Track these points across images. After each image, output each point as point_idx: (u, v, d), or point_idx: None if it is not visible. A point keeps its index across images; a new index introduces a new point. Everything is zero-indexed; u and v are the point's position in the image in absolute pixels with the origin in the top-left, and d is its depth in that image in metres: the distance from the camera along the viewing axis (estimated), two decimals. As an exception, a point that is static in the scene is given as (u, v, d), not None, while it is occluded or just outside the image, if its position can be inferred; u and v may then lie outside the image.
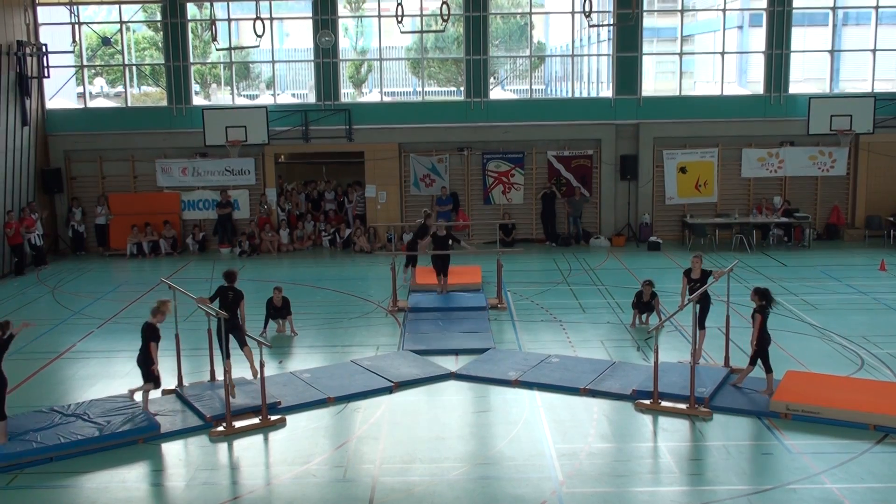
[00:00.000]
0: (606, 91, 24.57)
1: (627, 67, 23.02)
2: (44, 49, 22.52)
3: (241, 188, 23.25)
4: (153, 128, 23.06)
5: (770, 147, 23.05)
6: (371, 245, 22.38)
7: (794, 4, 22.86)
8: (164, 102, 23.58)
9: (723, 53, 23.50)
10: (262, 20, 19.65)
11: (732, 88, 25.64)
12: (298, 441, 10.15)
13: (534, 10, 24.24)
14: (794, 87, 23.52)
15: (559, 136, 23.16)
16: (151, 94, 27.59)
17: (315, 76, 23.35)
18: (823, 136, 22.27)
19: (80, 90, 24.07)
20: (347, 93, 27.02)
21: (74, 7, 22.61)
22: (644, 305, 14.71)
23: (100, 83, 30.43)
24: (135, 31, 29.36)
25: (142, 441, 10.11)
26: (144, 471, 9.49)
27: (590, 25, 21.28)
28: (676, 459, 9.49)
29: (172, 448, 10.04)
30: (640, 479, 9.03)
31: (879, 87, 23.20)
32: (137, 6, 23.83)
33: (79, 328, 15.34)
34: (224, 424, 10.40)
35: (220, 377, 11.10)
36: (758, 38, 24.17)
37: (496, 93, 24.59)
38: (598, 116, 23.18)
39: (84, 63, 23.69)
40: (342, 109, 23.06)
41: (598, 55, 28.53)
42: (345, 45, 27.28)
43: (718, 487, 8.77)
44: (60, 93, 23.66)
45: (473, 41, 22.91)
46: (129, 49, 27.48)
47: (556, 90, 30.53)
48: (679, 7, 23.46)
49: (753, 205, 22.99)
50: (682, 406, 10.75)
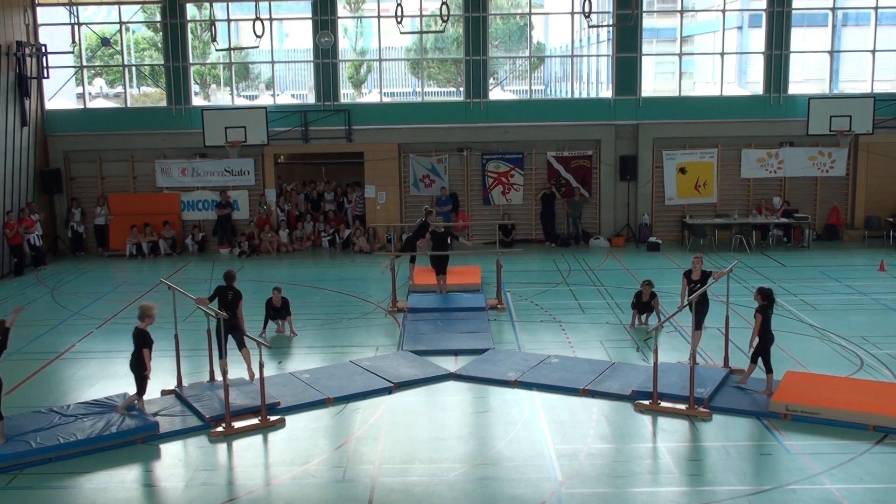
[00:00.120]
0: (606, 91, 24.58)
1: (627, 68, 23.02)
2: (43, 49, 22.51)
3: (241, 189, 23.24)
4: (153, 128, 23.06)
5: (769, 148, 23.06)
6: (371, 245, 22.38)
7: (794, 5, 22.86)
8: (164, 103, 23.58)
9: (722, 54, 23.50)
10: (262, 21, 19.66)
11: (732, 89, 25.66)
12: (298, 441, 10.15)
13: (533, 11, 24.23)
14: (794, 88, 23.53)
15: (559, 137, 23.16)
16: (151, 95, 27.60)
17: (314, 77, 23.35)
18: (823, 137, 22.27)
19: (80, 91, 24.07)
20: (347, 93, 27.03)
21: (74, 7, 22.62)
22: (643, 306, 14.71)
23: (99, 84, 30.47)
24: (134, 32, 29.38)
25: (140, 441, 10.12)
26: (143, 471, 9.49)
27: (589, 26, 21.28)
28: (676, 460, 9.49)
29: (171, 448, 10.04)
30: (640, 480, 9.03)
31: (879, 88, 23.21)
32: (137, 7, 23.82)
33: (78, 329, 15.34)
34: (223, 425, 10.40)
35: (220, 378, 11.09)
36: (757, 39, 24.19)
37: (496, 93, 24.61)
38: (598, 117, 23.18)
39: (83, 63, 23.69)
40: (342, 110, 23.07)
41: (598, 56, 28.57)
42: (344, 46, 27.28)
43: (718, 488, 8.77)
44: (60, 93, 23.66)
45: (473, 42, 22.91)
46: (129, 50, 27.48)
47: (556, 91, 30.56)
48: (679, 7, 23.47)
49: (753, 205, 23.00)
50: (682, 406, 10.75)
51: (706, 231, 22.38)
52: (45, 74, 22.67)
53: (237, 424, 10.47)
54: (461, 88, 24.12)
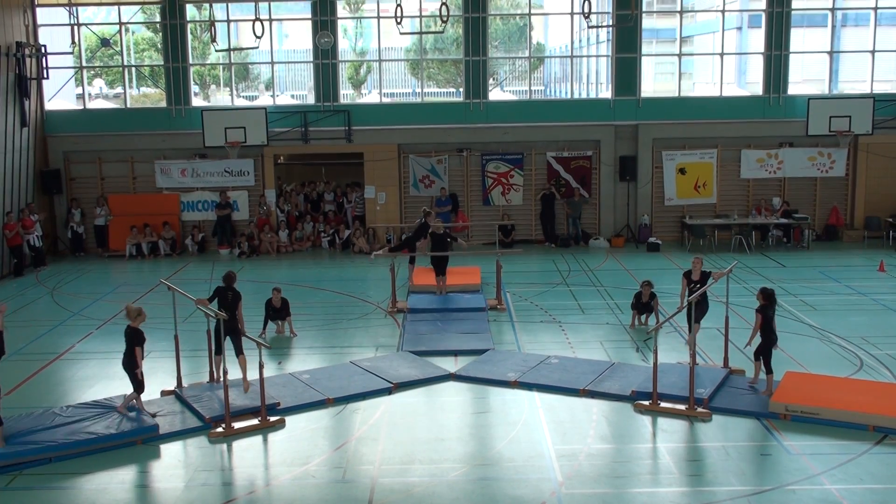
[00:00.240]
0: (605, 92, 24.59)
1: (626, 68, 23.03)
2: (43, 50, 22.50)
3: (241, 189, 23.24)
4: (152, 129, 23.05)
5: (769, 148, 23.06)
6: (370, 246, 22.37)
7: (793, 6, 22.86)
8: (164, 103, 23.58)
9: (722, 54, 23.50)
10: (262, 21, 19.64)
11: (731, 89, 25.68)
12: (297, 442, 10.15)
13: (533, 12, 24.23)
14: (793, 88, 23.54)
15: (558, 137, 23.17)
16: (151, 96, 27.62)
17: (314, 77, 23.36)
18: (822, 137, 22.28)
19: (80, 91, 24.05)
20: (347, 94, 27.03)
21: (74, 8, 22.61)
22: (643, 306, 14.71)
23: (99, 84, 30.48)
24: (134, 33, 29.39)
25: (140, 442, 10.11)
26: (143, 472, 9.49)
27: (589, 26, 21.29)
28: (676, 460, 9.50)
29: (171, 449, 10.04)
30: (640, 480, 9.04)
31: (878, 88, 23.21)
32: (137, 7, 23.83)
33: (78, 329, 15.33)
34: (223, 425, 10.40)
35: (219, 375, 11.10)
36: (757, 40, 24.19)
37: (495, 94, 24.63)
38: (598, 117, 23.18)
39: (83, 64, 23.69)
40: (341, 110, 23.07)
41: (598, 56, 28.60)
42: (344, 47, 27.27)
43: (718, 488, 8.77)
44: (59, 94, 23.65)
45: (472, 42, 22.92)
46: (129, 50, 27.48)
47: (556, 91, 30.58)
48: (678, 8, 23.48)
49: (752, 206, 23.00)
50: (682, 407, 10.75)
51: (706, 231, 22.38)
52: (45, 75, 22.66)
53: (237, 425, 10.47)
54: (461, 89, 24.12)
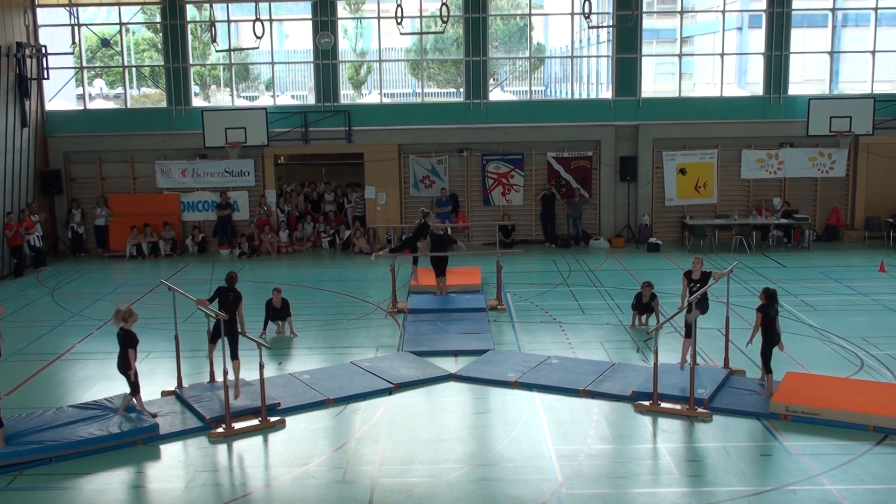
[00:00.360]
0: (606, 92, 24.59)
1: (627, 69, 23.03)
2: (43, 50, 22.51)
3: (241, 190, 23.25)
4: (153, 129, 23.05)
5: (769, 148, 23.06)
6: (371, 246, 22.37)
7: (794, 6, 22.86)
8: (164, 104, 23.58)
9: (722, 55, 23.50)
10: (262, 22, 19.66)
11: (732, 90, 25.67)
12: (298, 442, 10.15)
13: (533, 12, 24.23)
14: (794, 89, 23.53)
15: (559, 138, 23.16)
16: (151, 96, 27.62)
17: (314, 77, 23.36)
18: (823, 138, 22.28)
19: (80, 92, 24.06)
20: (347, 94, 27.03)
21: (74, 9, 22.61)
22: (644, 307, 14.71)
23: (99, 85, 30.48)
24: (134, 33, 29.39)
25: (141, 442, 10.11)
26: (143, 472, 9.48)
27: (589, 27, 21.30)
28: (676, 461, 9.49)
29: (171, 449, 10.04)
30: (640, 481, 9.03)
31: (879, 89, 23.20)
32: (137, 8, 23.82)
33: (78, 330, 15.34)
34: (223, 426, 10.40)
35: (220, 379, 11.09)
36: (757, 40, 24.18)
37: (496, 94, 24.62)
38: (598, 118, 23.18)
39: (83, 65, 23.69)
40: (342, 111, 23.07)
41: (598, 56, 28.60)
42: (344, 47, 27.28)
43: (718, 489, 8.77)
44: (60, 94, 23.65)
45: (473, 42, 22.92)
46: (129, 51, 27.49)
47: (556, 91, 30.56)
48: (678, 8, 23.47)
49: (753, 206, 22.99)
50: (682, 407, 10.75)
51: (706, 232, 22.38)
52: (46, 75, 22.67)
53: (237, 425, 10.47)
54: (461, 89, 24.12)
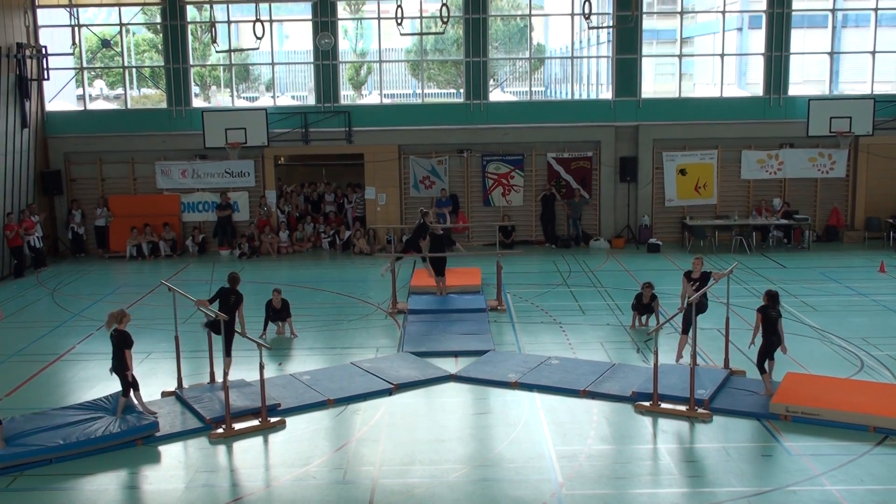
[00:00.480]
0: (606, 93, 24.59)
1: (627, 69, 23.02)
2: (43, 51, 22.51)
3: (241, 190, 23.24)
4: (153, 130, 23.05)
5: (769, 149, 23.05)
6: (371, 247, 22.38)
7: (794, 6, 22.86)
8: (164, 104, 23.58)
9: (722, 55, 23.50)
10: (262, 22, 19.66)
11: (732, 90, 25.68)
12: (298, 443, 10.15)
13: (533, 13, 24.24)
14: (794, 89, 23.53)
15: (559, 138, 23.16)
16: (151, 97, 27.63)
17: (315, 78, 23.36)
18: (823, 138, 22.27)
19: (80, 92, 24.06)
20: (347, 95, 27.04)
21: (74, 9, 22.62)
22: (644, 307, 14.70)
23: (99, 85, 30.48)
24: (134, 34, 29.41)
25: (141, 443, 10.11)
26: (143, 473, 9.48)
27: (589, 27, 21.30)
28: (676, 461, 9.49)
29: (171, 450, 10.03)
30: (640, 481, 9.03)
31: (879, 89, 23.20)
32: (137, 8, 23.84)
33: (78, 330, 15.33)
34: (223, 426, 10.40)
35: (220, 379, 11.09)
36: (757, 40, 24.19)
37: (496, 95, 24.62)
38: (598, 118, 23.18)
39: (84, 65, 23.69)
40: (342, 111, 23.07)
41: (598, 57, 28.61)
42: (344, 48, 27.31)
43: (718, 489, 8.77)
44: (60, 95, 23.65)
45: (473, 43, 22.92)
46: (129, 51, 27.50)
47: (556, 92, 30.58)
48: (679, 9, 23.47)
49: (753, 207, 22.99)
50: (682, 408, 10.74)
51: (706, 232, 22.38)
52: (46, 76, 22.67)
53: (237, 426, 10.46)
54: (461, 90, 24.12)
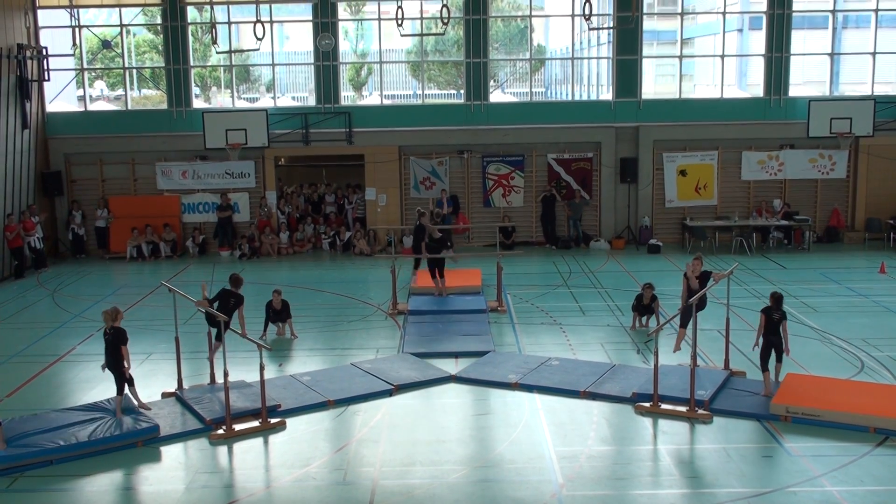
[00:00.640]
0: (606, 94, 24.60)
1: (627, 70, 23.03)
2: (44, 52, 22.53)
3: (241, 191, 23.26)
4: (153, 131, 23.06)
5: (770, 150, 23.05)
6: (371, 248, 22.38)
7: (794, 7, 22.87)
8: (165, 105, 23.59)
9: (723, 56, 23.50)
10: (262, 23, 19.63)
11: (732, 91, 25.68)
12: (298, 444, 10.15)
13: (534, 14, 24.26)
14: (794, 90, 23.52)
15: (559, 139, 23.17)
16: (151, 97, 27.62)
17: (315, 79, 23.37)
18: (823, 139, 22.26)
19: (81, 93, 24.07)
20: (347, 96, 27.04)
21: (75, 10, 22.62)
22: (644, 308, 14.70)
23: (100, 86, 30.47)
24: (135, 35, 29.41)
25: (141, 444, 10.11)
26: (144, 474, 9.48)
27: (590, 28, 21.32)
28: (676, 462, 9.49)
29: (172, 451, 10.03)
30: (640, 482, 9.03)
31: (879, 90, 23.20)
32: (138, 9, 23.84)
33: (79, 331, 15.33)
34: (224, 427, 10.40)
35: (220, 380, 11.10)
36: (758, 41, 24.19)
37: (496, 96, 24.63)
38: (598, 119, 23.19)
39: (84, 66, 23.71)
40: (342, 112, 23.08)
41: (598, 58, 28.62)
42: (345, 48, 27.31)
43: (718, 490, 8.77)
44: (61, 96, 23.65)
45: (473, 44, 22.93)
46: (130, 52, 27.51)
47: (556, 93, 30.59)
48: (679, 10, 23.48)
49: (753, 207, 22.98)
50: (682, 409, 10.74)
51: (706, 233, 22.38)
52: (46, 77, 22.68)
53: (238, 427, 10.46)
54: (462, 91, 24.13)
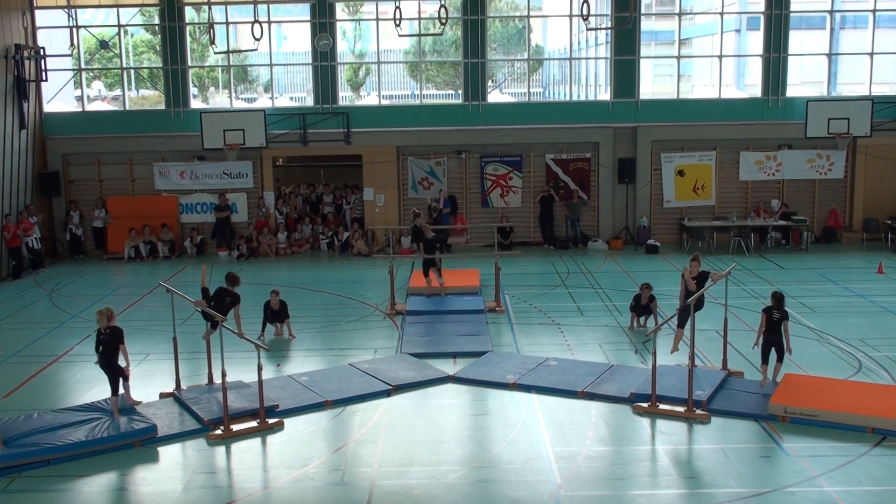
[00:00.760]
0: (604, 94, 24.60)
1: (625, 71, 23.04)
2: (42, 52, 22.51)
3: (239, 191, 23.24)
4: (151, 131, 23.05)
5: (768, 150, 23.07)
6: (369, 248, 22.38)
7: (792, 8, 22.90)
8: (162, 106, 23.58)
9: (721, 57, 23.52)
10: (261, 23, 19.62)
11: (730, 92, 25.68)
12: (296, 444, 10.14)
13: (532, 14, 24.25)
14: (792, 91, 23.54)
15: (557, 140, 23.17)
16: (149, 98, 27.60)
17: (313, 79, 23.36)
18: (821, 140, 22.29)
19: (78, 94, 24.06)
20: (345, 96, 27.04)
21: (72, 10, 22.61)
22: (642, 309, 14.70)
23: (98, 86, 30.45)
24: (133, 35, 29.37)
25: (139, 444, 10.10)
26: (141, 474, 9.47)
27: (588, 29, 21.34)
28: (674, 462, 9.49)
29: (170, 451, 10.02)
30: (638, 483, 9.03)
31: (877, 91, 23.23)
32: (136, 9, 23.83)
33: (76, 331, 15.31)
34: (222, 427, 10.40)
35: (218, 380, 11.08)
36: (755, 42, 24.21)
37: (494, 96, 24.63)
38: (596, 119, 23.20)
39: (82, 66, 23.70)
40: (340, 113, 23.08)
41: (596, 58, 28.63)
42: (343, 49, 27.28)
43: (716, 490, 8.77)
44: (58, 96, 23.63)
45: (471, 44, 22.93)
46: (127, 52, 27.48)
47: (554, 93, 30.58)
48: (677, 10, 23.49)
49: (751, 208, 23.00)
50: (680, 409, 10.74)
51: (704, 233, 22.40)
52: (44, 77, 22.65)
53: (235, 427, 10.46)
54: (459, 91, 24.13)
